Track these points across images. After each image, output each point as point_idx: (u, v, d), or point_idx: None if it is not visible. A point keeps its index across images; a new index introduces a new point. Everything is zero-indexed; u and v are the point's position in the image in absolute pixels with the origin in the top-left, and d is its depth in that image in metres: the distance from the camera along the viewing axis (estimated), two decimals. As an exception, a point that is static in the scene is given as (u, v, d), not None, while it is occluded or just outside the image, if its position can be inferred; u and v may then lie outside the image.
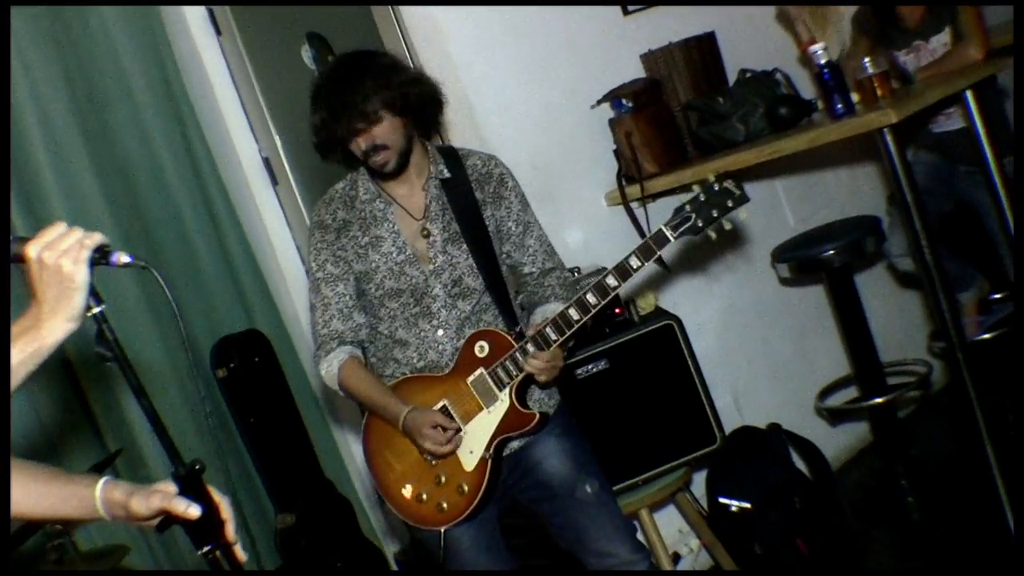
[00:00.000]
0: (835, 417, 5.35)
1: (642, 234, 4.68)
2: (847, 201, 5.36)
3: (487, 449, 3.42)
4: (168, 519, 2.35)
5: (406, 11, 4.49)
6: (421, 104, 3.48)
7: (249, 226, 5.34)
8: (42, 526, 3.87)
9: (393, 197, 3.51)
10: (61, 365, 4.69)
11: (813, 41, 4.58)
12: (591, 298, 3.30)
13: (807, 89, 5.01)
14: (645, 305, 4.49)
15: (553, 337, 3.32)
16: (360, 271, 3.50)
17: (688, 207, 3.29)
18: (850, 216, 5.01)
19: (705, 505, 4.66)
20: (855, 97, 4.22)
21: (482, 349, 3.42)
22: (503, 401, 3.42)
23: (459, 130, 4.46)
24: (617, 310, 4.39)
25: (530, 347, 3.35)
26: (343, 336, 3.51)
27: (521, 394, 3.43)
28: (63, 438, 4.78)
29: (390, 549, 5.39)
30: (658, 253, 3.30)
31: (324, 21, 4.93)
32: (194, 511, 2.27)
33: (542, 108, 4.67)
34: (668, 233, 3.28)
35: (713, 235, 3.31)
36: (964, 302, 4.88)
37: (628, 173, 4.69)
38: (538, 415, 3.44)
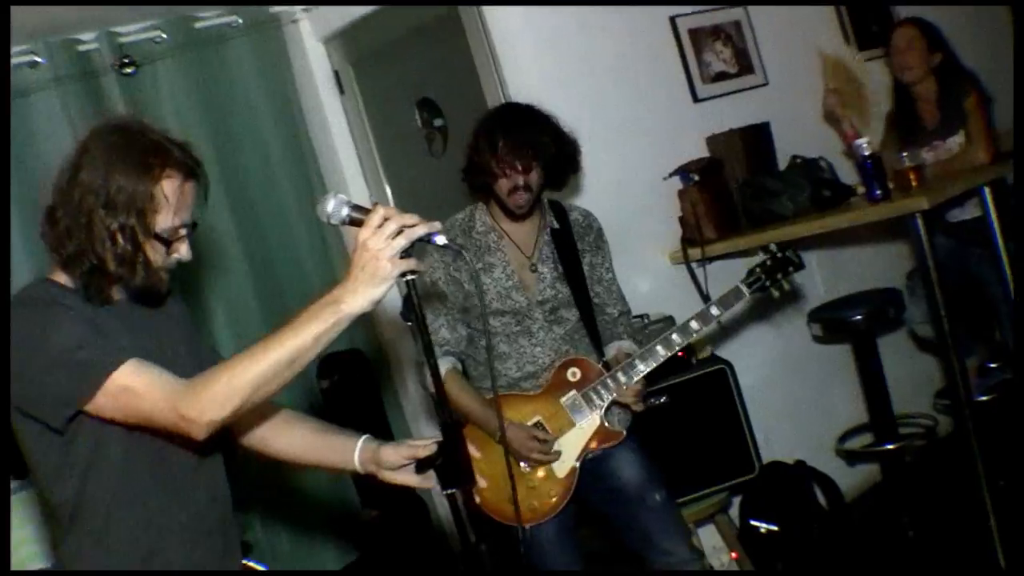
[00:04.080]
0: (851, 458, 5.39)
1: (700, 290, 4.85)
2: (867, 275, 5.44)
3: (577, 459, 3.59)
4: (422, 462, 2.54)
5: (510, 82, 4.61)
6: (565, 167, 3.66)
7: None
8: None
9: (506, 232, 3.67)
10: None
11: (857, 135, 4.69)
12: (676, 337, 3.59)
13: (845, 176, 5.08)
14: (701, 350, 4.64)
15: (641, 368, 3.57)
16: (469, 291, 3.61)
17: (758, 269, 3.66)
18: (868, 288, 5.17)
19: (738, 524, 4.77)
20: (890, 185, 4.36)
21: (574, 374, 3.61)
22: (593, 419, 3.59)
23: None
24: (679, 352, 4.32)
25: (620, 376, 3.56)
26: (448, 344, 3.61)
27: (606, 414, 3.62)
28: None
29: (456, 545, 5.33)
30: (735, 304, 3.66)
31: (436, 88, 5.09)
32: (427, 450, 2.51)
33: (620, 175, 4.80)
34: (744, 289, 3.66)
35: (776, 293, 3.71)
36: (967, 366, 4.94)
37: (690, 237, 4.84)
38: (624, 432, 3.64)
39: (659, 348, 3.58)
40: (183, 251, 2.40)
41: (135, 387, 2.21)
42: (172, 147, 2.37)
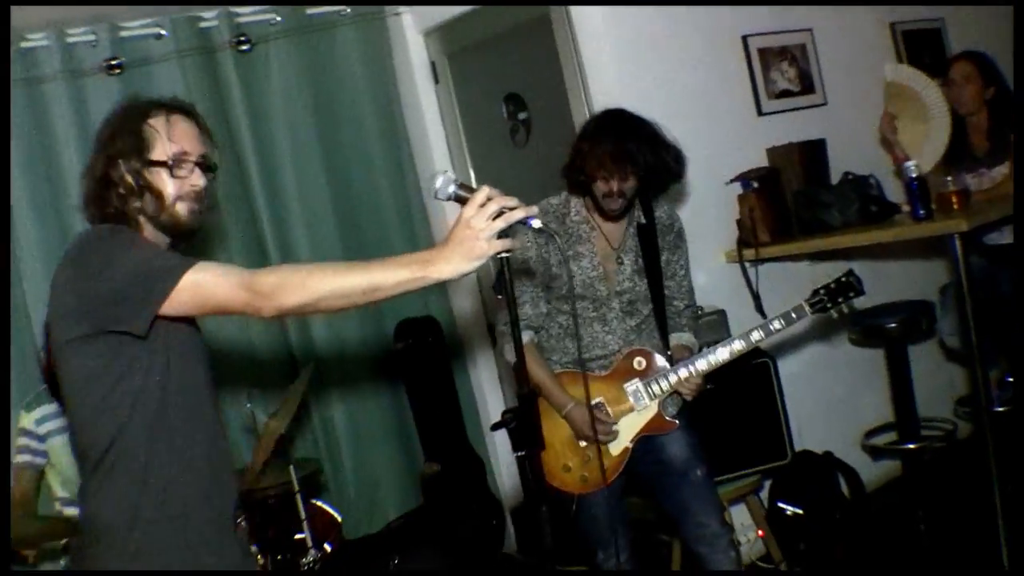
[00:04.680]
0: (875, 453, 5.53)
1: (751, 288, 5.03)
2: (903, 286, 5.54)
3: (631, 441, 3.76)
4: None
5: (592, 82, 4.80)
6: (665, 176, 3.73)
7: (438, 238, 5.28)
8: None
9: (598, 224, 3.75)
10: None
11: (907, 158, 4.81)
12: (737, 345, 3.73)
13: (892, 194, 5.19)
14: (747, 343, 4.87)
15: (702, 366, 3.72)
16: (556, 273, 3.69)
17: (822, 291, 3.77)
18: (903, 299, 5.26)
19: (766, 505, 4.93)
20: (933, 206, 4.50)
21: (640, 364, 3.76)
22: (651, 408, 3.76)
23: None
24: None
25: (682, 371, 3.72)
26: (529, 319, 3.71)
27: (663, 404, 3.77)
28: (264, 353, 5.13)
29: (508, 504, 5.64)
30: (796, 321, 3.77)
31: (523, 84, 5.30)
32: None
33: (686, 178, 4.58)
34: (806, 308, 3.78)
35: (835, 315, 3.81)
36: (989, 378, 4.99)
37: (746, 239, 5.03)
38: (676, 423, 3.79)
39: (720, 350, 3.71)
40: (195, 177, 2.54)
41: (206, 281, 2.35)
42: (159, 99, 2.58)
